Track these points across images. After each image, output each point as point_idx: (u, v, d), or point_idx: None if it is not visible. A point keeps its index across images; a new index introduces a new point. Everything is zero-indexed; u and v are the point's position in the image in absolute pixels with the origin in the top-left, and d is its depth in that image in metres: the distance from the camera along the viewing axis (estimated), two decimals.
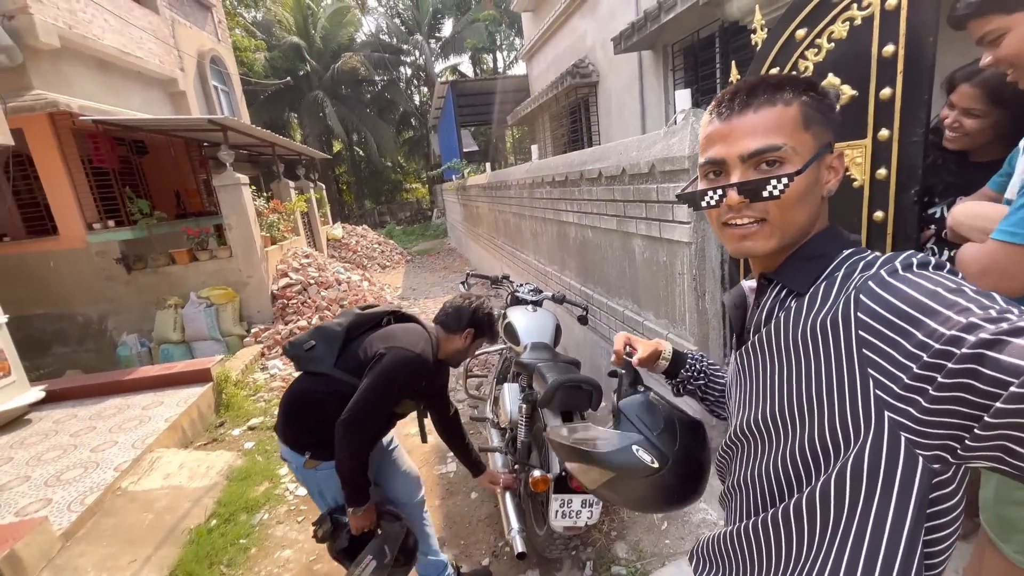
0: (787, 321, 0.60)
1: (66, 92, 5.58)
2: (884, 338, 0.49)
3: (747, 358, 0.67)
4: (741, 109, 0.61)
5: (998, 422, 0.40)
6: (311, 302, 6.27)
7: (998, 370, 0.40)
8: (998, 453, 0.42)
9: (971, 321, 0.43)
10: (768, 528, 0.62)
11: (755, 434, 0.65)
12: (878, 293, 0.51)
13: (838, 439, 0.53)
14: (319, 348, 1.68)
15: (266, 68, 18.53)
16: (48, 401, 3.87)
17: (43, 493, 2.67)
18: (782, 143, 0.58)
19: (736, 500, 0.71)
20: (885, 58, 1.27)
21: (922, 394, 0.45)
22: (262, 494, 2.92)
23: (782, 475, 0.61)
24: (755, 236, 0.62)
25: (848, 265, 0.59)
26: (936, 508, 0.51)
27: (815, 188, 0.61)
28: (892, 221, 1.34)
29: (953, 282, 0.49)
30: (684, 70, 5.87)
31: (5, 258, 5.65)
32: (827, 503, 0.54)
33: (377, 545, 1.67)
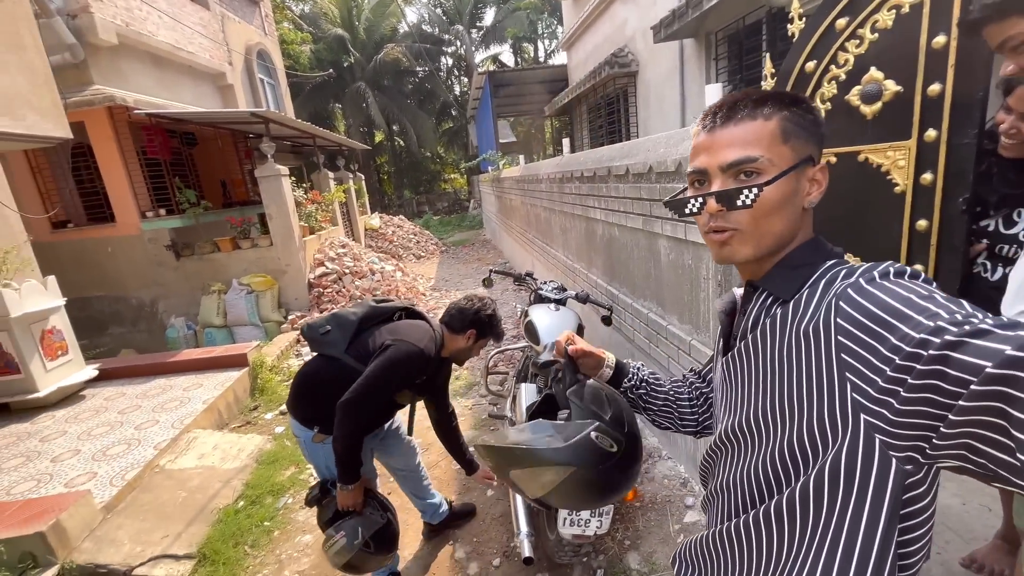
0: (772, 328, 0.62)
1: (123, 87, 5.91)
2: (861, 343, 0.51)
3: (733, 364, 0.69)
4: (723, 122, 0.64)
5: (961, 419, 0.42)
6: (345, 291, 6.44)
7: (961, 369, 0.42)
8: (963, 451, 0.44)
9: (938, 324, 0.45)
10: (749, 529, 0.64)
11: (739, 438, 0.67)
12: (856, 299, 0.53)
13: (816, 442, 0.55)
14: (333, 333, 1.81)
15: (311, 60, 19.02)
16: (101, 379, 4.15)
17: (90, 467, 2.87)
18: (759, 155, 0.61)
19: (719, 503, 0.72)
20: (935, 50, 1.14)
21: (894, 396, 0.47)
22: (288, 479, 3.02)
23: (763, 478, 0.63)
24: (731, 243, 0.65)
25: (830, 274, 0.61)
26: (909, 509, 0.53)
27: (792, 199, 0.62)
28: (937, 231, 1.21)
29: (926, 289, 0.51)
30: (728, 59, 5.59)
31: (69, 243, 6.09)
32: (806, 504, 0.56)
33: (352, 525, 1.75)
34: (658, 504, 2.38)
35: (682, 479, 2.52)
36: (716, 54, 5.74)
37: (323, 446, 1.79)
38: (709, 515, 0.77)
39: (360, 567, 1.80)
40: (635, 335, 2.98)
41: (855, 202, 1.38)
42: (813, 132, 0.63)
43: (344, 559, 1.74)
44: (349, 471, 1.71)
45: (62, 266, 5.73)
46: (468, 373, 4.35)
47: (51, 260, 5.31)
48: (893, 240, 1.31)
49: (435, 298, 7.34)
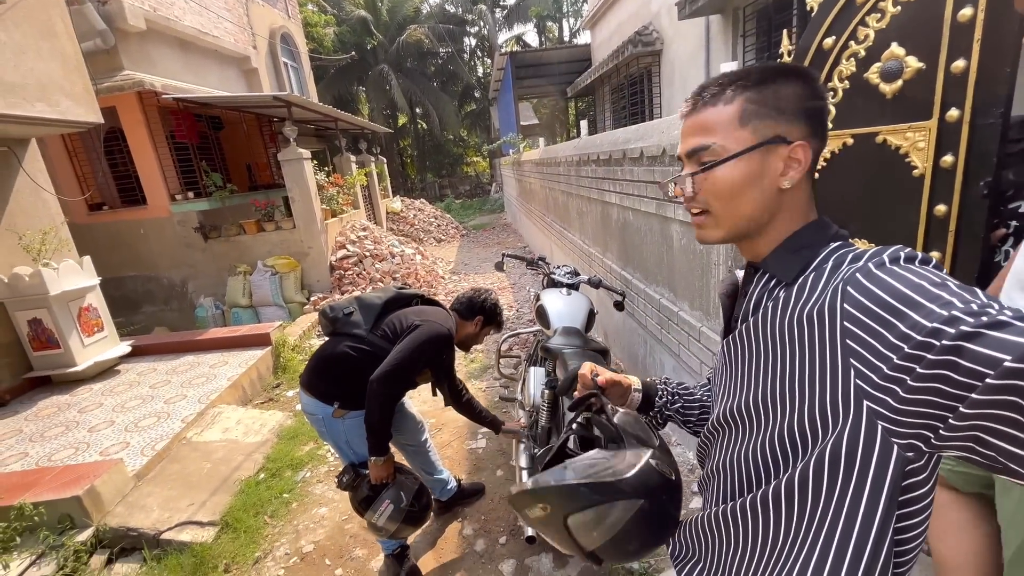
0: (775, 310, 0.61)
1: (151, 72, 6.06)
2: (868, 329, 0.50)
3: (734, 346, 0.69)
4: (690, 109, 0.65)
5: (973, 412, 0.42)
6: (366, 274, 6.55)
7: (976, 362, 0.41)
8: (970, 443, 0.44)
9: (952, 314, 0.44)
10: (747, 513, 0.63)
11: (737, 420, 0.67)
12: (864, 285, 0.52)
13: (817, 426, 0.55)
14: (358, 315, 1.91)
15: (335, 43, 19.05)
16: (134, 355, 4.36)
17: (123, 437, 3.03)
18: (711, 142, 0.62)
19: (714, 484, 0.72)
20: (960, 23, 1.07)
21: (900, 384, 0.47)
22: (306, 454, 3.14)
23: (760, 461, 0.63)
24: (704, 226, 0.67)
25: (836, 257, 0.60)
26: (908, 496, 0.53)
27: (758, 181, 0.61)
28: (956, 216, 1.15)
29: (938, 276, 0.50)
30: (756, 35, 5.36)
31: (104, 225, 6.34)
32: (804, 489, 0.56)
33: (394, 492, 1.86)
34: None
35: (690, 465, 2.51)
36: (744, 30, 5.51)
37: (342, 422, 1.87)
38: (704, 496, 0.78)
39: (405, 531, 1.93)
40: (647, 320, 2.95)
41: (871, 186, 1.33)
42: (793, 109, 0.60)
43: (395, 525, 1.85)
44: (382, 443, 1.79)
45: (97, 247, 5.99)
46: (483, 356, 4.40)
47: (87, 241, 5.55)
48: (910, 226, 1.25)
49: (454, 281, 7.40)
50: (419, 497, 1.92)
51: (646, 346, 3.03)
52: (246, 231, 6.35)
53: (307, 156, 6.16)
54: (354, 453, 1.94)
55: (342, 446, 1.94)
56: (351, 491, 1.91)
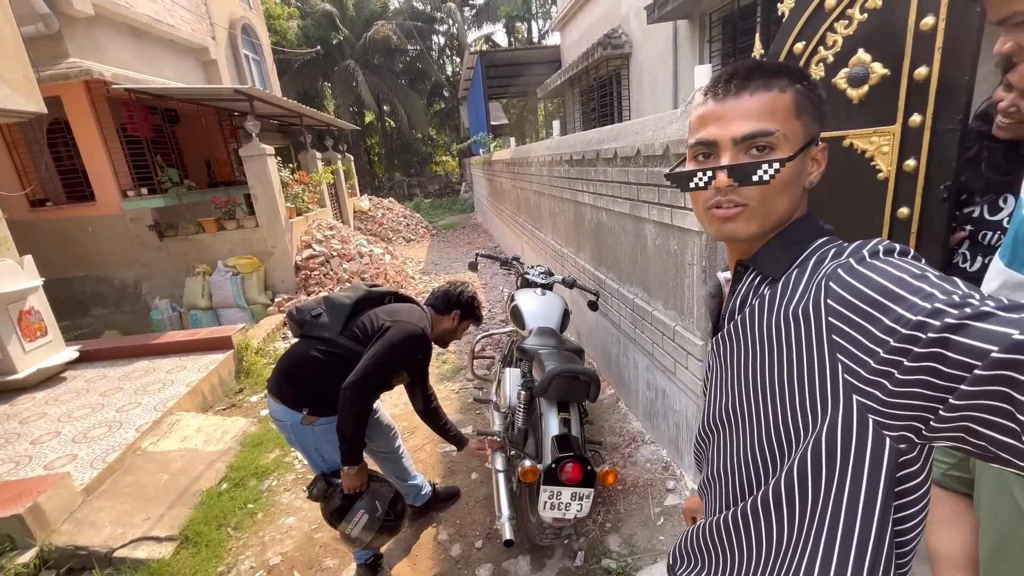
0: (760, 308, 0.61)
1: (100, 60, 5.71)
2: (852, 324, 0.50)
3: (721, 345, 0.69)
4: (737, 91, 0.60)
5: (962, 403, 0.42)
6: (333, 274, 6.37)
7: (963, 353, 0.41)
8: (961, 433, 0.44)
9: (936, 307, 0.44)
10: (747, 518, 0.62)
11: (728, 422, 0.67)
12: (846, 280, 0.52)
13: (807, 421, 0.55)
14: (326, 316, 1.83)
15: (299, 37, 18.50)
16: (83, 360, 4.09)
17: (70, 449, 2.84)
18: (775, 128, 0.59)
19: (713, 491, 0.72)
20: (923, 32, 1.11)
21: (888, 377, 0.47)
22: (272, 461, 3.02)
23: (755, 463, 0.62)
24: (737, 219, 0.62)
25: (820, 253, 0.60)
26: (904, 486, 0.53)
27: (799, 178, 0.61)
28: (918, 219, 1.20)
29: (918, 268, 0.50)
30: (722, 41, 5.52)
31: (48, 222, 5.93)
32: (803, 484, 0.55)
33: (368, 501, 1.80)
34: (640, 488, 2.40)
35: (664, 463, 2.55)
36: (710, 36, 5.66)
37: (312, 429, 1.79)
38: (705, 504, 0.76)
39: (380, 540, 1.87)
40: (621, 320, 2.98)
41: (838, 189, 1.37)
42: (820, 110, 0.62)
43: (369, 536, 1.79)
44: (355, 452, 1.73)
45: (41, 246, 5.60)
46: (455, 357, 4.35)
47: (29, 239, 5.18)
48: (874, 228, 1.30)
49: (424, 281, 7.29)
50: (394, 505, 1.87)
51: (619, 345, 3.06)
52: (205, 229, 6.07)
53: (270, 152, 5.94)
54: (324, 461, 1.87)
55: (312, 454, 1.86)
56: (323, 502, 1.84)
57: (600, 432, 2.93)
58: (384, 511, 1.81)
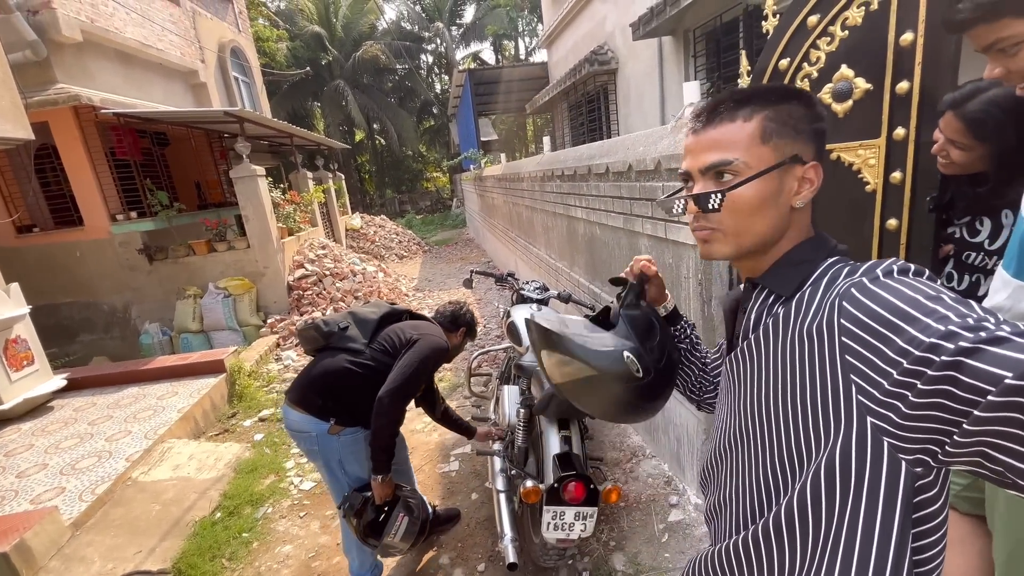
0: (775, 327, 0.61)
1: (89, 85, 5.71)
2: (866, 344, 0.50)
3: (736, 364, 0.68)
4: (704, 125, 0.64)
5: (977, 429, 0.41)
6: (326, 293, 6.33)
7: (976, 378, 0.41)
8: (977, 458, 0.43)
9: (950, 329, 0.44)
10: (758, 541, 0.61)
11: (740, 443, 0.66)
12: (860, 300, 0.52)
13: (819, 442, 0.54)
14: (353, 329, 1.92)
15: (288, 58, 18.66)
16: (70, 389, 4.01)
17: (58, 481, 2.76)
18: (733, 158, 0.61)
19: (723, 516, 0.70)
20: (903, 47, 1.14)
21: (902, 400, 0.46)
22: (267, 487, 2.95)
23: (764, 486, 0.61)
24: (713, 241, 0.66)
25: (832, 272, 0.60)
26: (921, 513, 0.52)
27: (774, 199, 0.62)
28: (906, 230, 1.22)
29: (933, 289, 0.49)
30: (706, 56, 5.63)
31: (35, 248, 5.87)
32: (817, 505, 0.54)
33: (404, 506, 1.86)
34: (642, 504, 2.38)
35: (666, 478, 2.53)
36: (694, 51, 5.78)
37: (337, 439, 1.81)
38: (714, 529, 0.74)
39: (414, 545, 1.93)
40: None
41: (829, 201, 1.39)
42: (805, 130, 0.62)
43: (410, 540, 1.86)
44: (387, 460, 1.78)
45: (28, 272, 5.52)
46: (452, 375, 4.32)
47: (16, 266, 5.11)
48: (865, 240, 1.32)
49: (418, 299, 7.27)
50: (422, 506, 1.94)
51: None
52: (195, 252, 6.02)
53: (262, 173, 5.94)
54: (346, 474, 1.87)
55: (334, 467, 1.86)
56: (357, 517, 1.82)
57: (601, 447, 2.91)
58: (421, 512, 1.89)
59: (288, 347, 5.41)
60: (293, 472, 3.10)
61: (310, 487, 2.92)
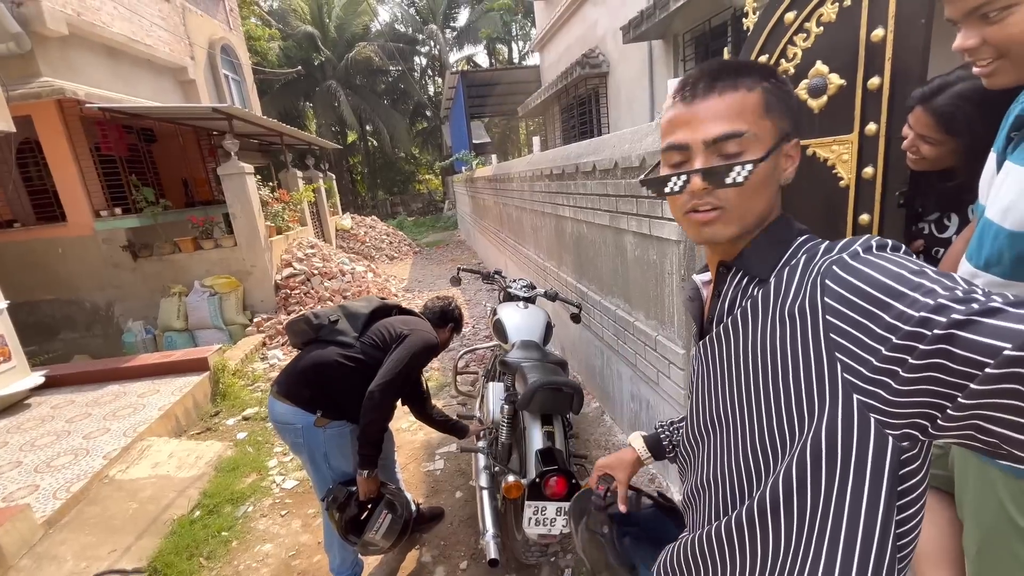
0: (753, 309, 0.60)
1: (74, 79, 5.63)
2: (852, 322, 0.49)
3: (711, 348, 0.66)
4: (705, 93, 0.59)
5: (973, 402, 0.41)
6: (314, 292, 6.29)
7: (972, 350, 0.40)
8: (970, 431, 0.43)
9: (939, 302, 0.43)
10: (741, 525, 0.59)
11: (717, 428, 0.65)
12: (843, 277, 0.51)
13: (803, 422, 0.53)
14: (344, 323, 1.91)
15: (280, 57, 18.57)
16: (49, 386, 3.93)
17: (32, 479, 2.70)
18: (745, 129, 0.58)
19: (702, 501, 0.68)
20: (874, 43, 1.16)
21: (892, 376, 0.45)
22: (248, 486, 2.91)
23: (746, 470, 0.60)
24: (715, 223, 0.61)
25: (808, 248, 0.59)
26: (905, 485, 0.51)
27: (773, 176, 0.61)
28: (878, 225, 1.24)
29: (915, 264, 0.49)
30: (695, 60, 5.69)
31: (15, 244, 5.75)
32: (802, 485, 0.53)
33: (387, 503, 1.84)
34: None
35: (650, 475, 2.53)
36: (684, 55, 5.84)
37: (323, 431, 1.79)
38: (691, 516, 0.73)
39: (396, 543, 1.91)
40: (603, 332, 2.99)
41: (804, 196, 1.40)
42: (790, 105, 0.61)
43: (392, 537, 1.84)
44: (375, 455, 1.77)
45: (8, 269, 5.43)
46: (439, 374, 4.30)
47: None
48: (838, 234, 1.33)
49: (407, 299, 7.24)
50: (407, 506, 1.93)
51: (603, 357, 3.06)
52: (181, 249, 5.95)
53: (250, 170, 5.89)
54: (330, 468, 1.85)
55: (319, 460, 1.84)
56: (339, 511, 1.81)
57: (586, 446, 2.90)
58: (403, 510, 1.87)
59: (274, 346, 5.35)
60: (276, 471, 3.06)
61: (292, 486, 2.89)
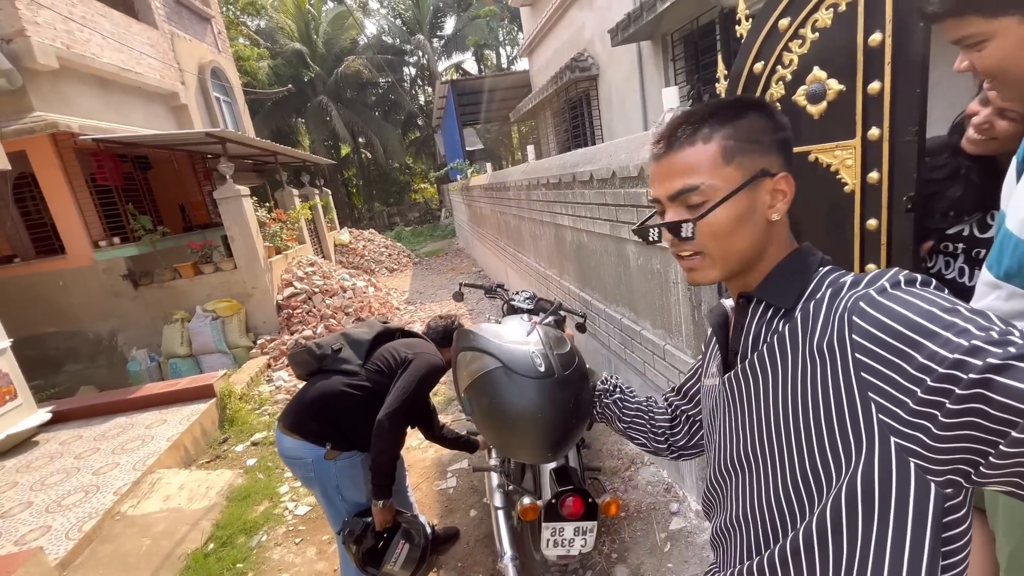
0: (781, 345, 0.58)
1: (67, 112, 5.64)
2: (884, 361, 0.47)
3: (736, 384, 0.65)
4: (665, 150, 0.63)
5: (1015, 451, 0.39)
6: (316, 311, 6.27)
7: (1010, 396, 0.38)
8: (1015, 479, 0.42)
9: (974, 344, 0.41)
10: (775, 566, 0.59)
11: (749, 465, 0.63)
12: (871, 314, 0.49)
13: (839, 461, 0.52)
14: (347, 351, 1.88)
15: (270, 76, 18.63)
16: (56, 421, 3.92)
17: (43, 520, 2.68)
18: (699, 182, 0.60)
19: (734, 540, 0.67)
20: (872, 48, 1.15)
21: (932, 420, 0.44)
22: (261, 514, 2.89)
23: (782, 507, 0.59)
24: (699, 268, 0.64)
25: (831, 281, 0.58)
26: (949, 533, 0.49)
27: (750, 216, 0.61)
28: (886, 230, 1.22)
29: (947, 300, 0.47)
30: (684, 59, 5.70)
31: (16, 279, 5.75)
32: (839, 530, 0.52)
33: (404, 532, 1.81)
34: (643, 513, 2.35)
35: (665, 484, 2.51)
36: (673, 55, 5.84)
37: (334, 464, 1.76)
38: (722, 554, 0.71)
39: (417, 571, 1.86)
40: (610, 341, 2.97)
41: (809, 202, 1.39)
42: (768, 141, 0.61)
43: (411, 568, 1.80)
44: (389, 484, 1.73)
45: (10, 304, 5.43)
46: (445, 388, 4.28)
47: None
48: (846, 240, 1.32)
49: (410, 311, 7.23)
50: (423, 533, 1.89)
51: (611, 366, 3.04)
52: (181, 275, 5.95)
53: (246, 193, 5.89)
54: (343, 500, 1.82)
55: (331, 493, 1.81)
56: (356, 544, 1.77)
57: (598, 456, 2.88)
58: (421, 538, 1.83)
59: (279, 367, 5.33)
60: (287, 497, 3.04)
61: (305, 511, 2.87)
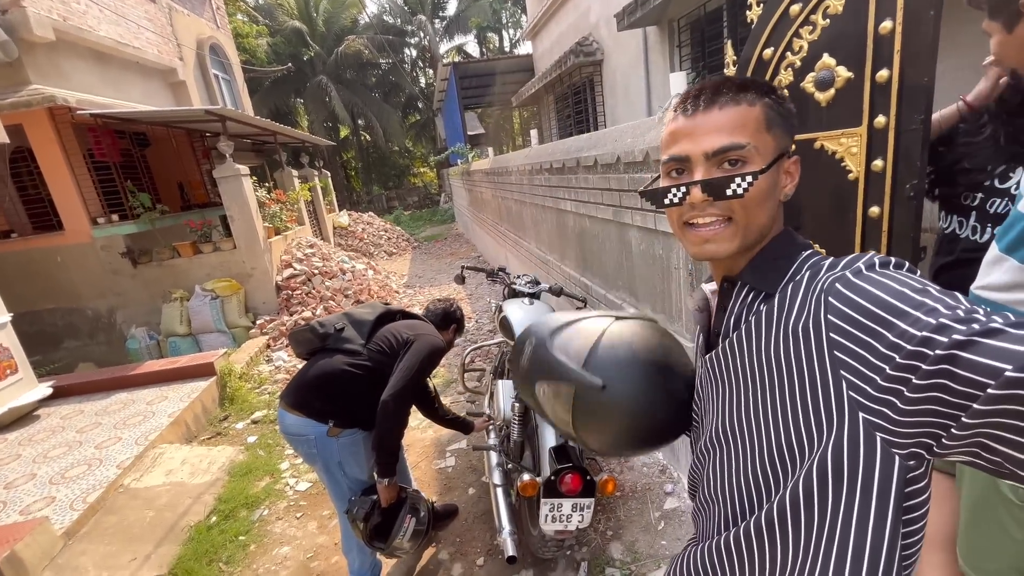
0: (758, 325, 0.60)
1: (64, 86, 5.57)
2: (855, 339, 0.49)
3: (717, 363, 0.67)
4: (706, 106, 0.61)
5: (976, 422, 0.41)
6: (315, 292, 6.28)
7: (973, 371, 0.40)
8: (975, 449, 0.43)
9: (940, 322, 0.43)
10: (750, 537, 0.61)
11: (726, 441, 0.65)
12: (845, 294, 0.51)
13: (812, 438, 0.54)
14: (350, 331, 1.91)
15: (269, 54, 18.35)
16: (57, 396, 3.94)
17: (47, 491, 2.72)
18: (746, 142, 0.59)
19: (710, 512, 0.70)
20: (882, 35, 1.15)
21: (897, 395, 0.46)
22: (262, 490, 2.94)
23: (757, 482, 0.61)
24: (718, 238, 0.62)
25: (811, 264, 0.59)
26: (910, 502, 0.52)
27: (775, 190, 0.62)
28: (888, 217, 1.24)
29: (918, 282, 0.49)
30: (691, 46, 5.64)
31: (14, 255, 5.73)
32: (810, 502, 0.54)
33: (409, 507, 1.87)
34: (638, 493, 2.41)
35: (660, 466, 2.56)
36: (679, 41, 5.78)
37: (336, 441, 1.79)
38: (700, 526, 0.74)
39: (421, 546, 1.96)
40: None
41: (812, 189, 1.40)
42: (790, 122, 0.62)
43: (418, 540, 1.89)
44: (394, 463, 1.78)
45: (7, 279, 5.41)
46: (445, 370, 4.32)
47: None
48: (848, 227, 1.33)
49: (409, 295, 7.24)
50: (427, 507, 1.97)
51: None
52: (181, 254, 5.93)
53: (245, 172, 5.85)
54: (346, 477, 1.85)
55: (333, 469, 1.84)
56: (364, 522, 1.82)
57: None
58: (426, 512, 1.92)
59: (279, 348, 5.36)
60: (288, 473, 3.08)
61: (306, 488, 2.92)
